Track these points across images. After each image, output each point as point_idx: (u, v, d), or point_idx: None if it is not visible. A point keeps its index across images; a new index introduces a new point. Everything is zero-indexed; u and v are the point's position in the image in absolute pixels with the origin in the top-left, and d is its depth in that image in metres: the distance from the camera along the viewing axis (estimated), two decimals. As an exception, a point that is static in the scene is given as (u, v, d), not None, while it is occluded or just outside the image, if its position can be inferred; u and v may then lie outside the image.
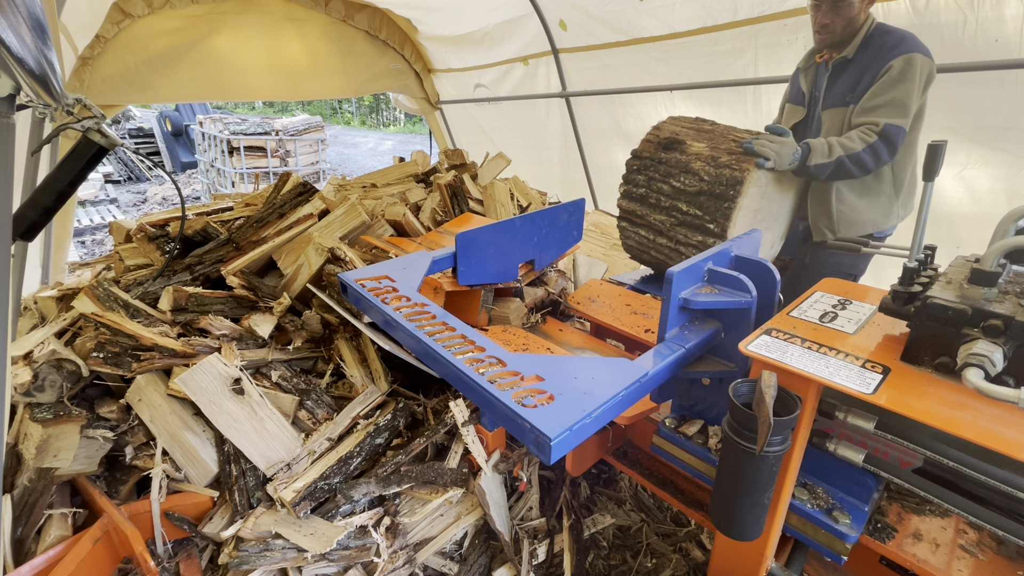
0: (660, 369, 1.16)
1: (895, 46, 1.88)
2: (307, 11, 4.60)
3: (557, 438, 0.91)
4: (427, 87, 5.59)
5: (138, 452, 1.70)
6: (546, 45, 4.16)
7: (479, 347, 1.18)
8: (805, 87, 2.22)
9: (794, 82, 2.33)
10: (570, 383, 1.06)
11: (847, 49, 2.01)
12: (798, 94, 2.30)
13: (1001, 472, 0.93)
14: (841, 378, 0.96)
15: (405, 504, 1.72)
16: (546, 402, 1.00)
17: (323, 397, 1.91)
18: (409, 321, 1.29)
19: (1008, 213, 1.05)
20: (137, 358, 1.75)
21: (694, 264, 1.30)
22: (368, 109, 27.11)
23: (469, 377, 1.07)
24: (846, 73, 2.03)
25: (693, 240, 1.88)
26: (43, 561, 1.38)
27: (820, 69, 2.17)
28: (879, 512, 1.24)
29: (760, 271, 1.38)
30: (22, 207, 1.43)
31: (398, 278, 1.55)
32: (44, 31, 1.08)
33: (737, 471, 0.99)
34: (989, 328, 0.91)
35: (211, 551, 1.62)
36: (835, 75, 2.07)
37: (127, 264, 2.58)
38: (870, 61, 1.94)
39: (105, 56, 3.86)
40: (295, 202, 2.69)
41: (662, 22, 3.30)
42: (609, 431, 1.63)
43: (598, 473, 2.11)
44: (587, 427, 0.97)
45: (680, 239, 1.93)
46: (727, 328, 1.34)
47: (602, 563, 1.78)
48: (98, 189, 9.54)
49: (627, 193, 2.10)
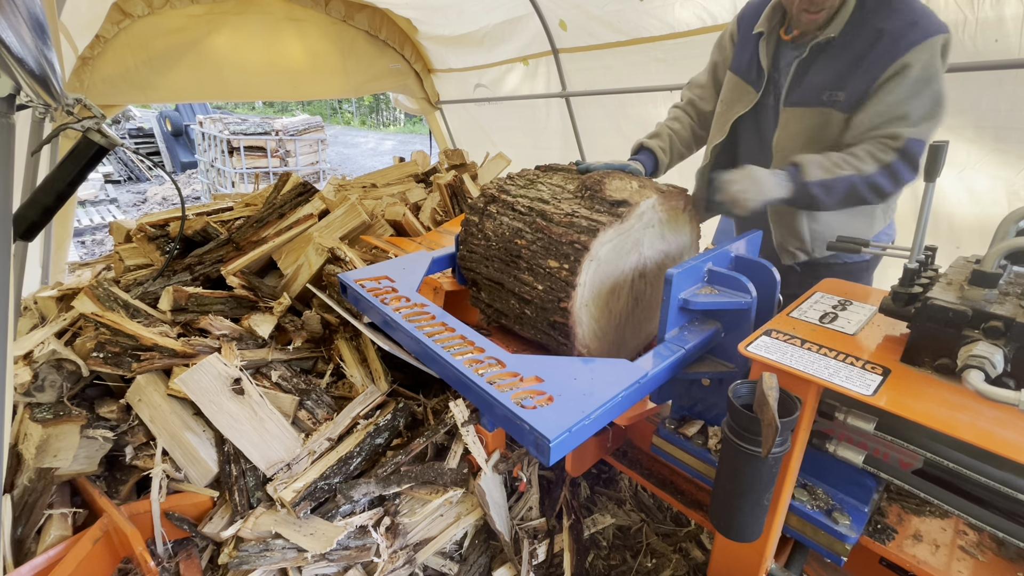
0: (660, 370, 1.16)
1: (906, 29, 1.37)
2: (307, 11, 4.60)
3: (556, 439, 0.91)
4: (427, 87, 5.59)
5: (138, 452, 1.70)
6: (546, 45, 4.16)
7: (478, 348, 1.18)
8: (765, 61, 1.61)
9: (745, 47, 1.68)
10: (569, 384, 1.06)
11: (830, 27, 1.47)
12: (752, 67, 1.66)
13: (1001, 474, 0.93)
14: (841, 379, 0.96)
15: (405, 504, 1.72)
16: (545, 403, 1.00)
17: (323, 397, 1.91)
18: (409, 322, 1.29)
19: (1009, 214, 1.04)
20: (137, 358, 1.75)
21: (694, 265, 1.30)
22: (368, 109, 27.11)
23: (468, 378, 1.07)
24: (826, 59, 1.49)
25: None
26: (43, 561, 1.38)
27: (785, 47, 1.60)
28: (879, 513, 1.24)
29: (760, 271, 1.37)
30: (22, 207, 1.42)
31: (397, 278, 1.54)
32: (44, 31, 1.08)
33: (737, 472, 0.99)
34: (990, 330, 0.90)
35: (211, 551, 1.62)
36: (809, 60, 1.52)
37: (127, 264, 2.58)
38: (865, 46, 1.43)
39: (105, 56, 3.86)
40: (295, 202, 2.69)
41: (662, 22, 3.30)
42: (609, 431, 1.63)
43: (598, 473, 2.11)
44: (586, 428, 0.97)
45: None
46: (727, 328, 1.33)
47: (602, 563, 1.78)
48: (98, 189, 9.54)
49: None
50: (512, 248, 1.48)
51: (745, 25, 1.72)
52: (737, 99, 1.72)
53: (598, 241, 1.30)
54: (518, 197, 1.56)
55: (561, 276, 1.33)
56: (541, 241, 1.40)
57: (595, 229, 1.31)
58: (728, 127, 1.76)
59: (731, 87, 1.74)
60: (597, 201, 1.41)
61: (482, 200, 1.64)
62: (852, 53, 1.45)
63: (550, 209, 1.44)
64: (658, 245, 1.53)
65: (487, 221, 1.58)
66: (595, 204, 1.40)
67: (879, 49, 1.41)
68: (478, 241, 1.60)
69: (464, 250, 1.66)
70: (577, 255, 1.30)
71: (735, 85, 1.72)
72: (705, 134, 1.94)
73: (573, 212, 1.39)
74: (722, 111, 1.80)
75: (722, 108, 1.80)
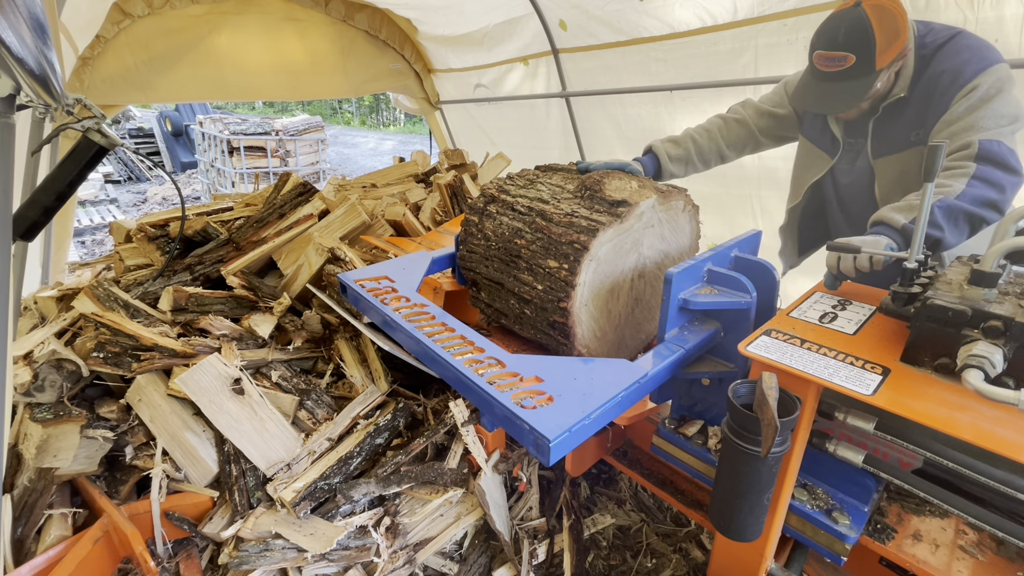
0: (660, 370, 1.16)
1: (970, 62, 1.41)
2: (307, 11, 4.60)
3: (556, 439, 0.91)
4: (427, 87, 5.59)
5: (138, 452, 1.70)
6: (546, 45, 4.16)
7: (478, 348, 1.18)
8: (838, 131, 1.70)
9: (817, 117, 1.75)
10: (569, 384, 1.06)
11: (895, 87, 1.52)
12: (824, 135, 1.73)
13: (1001, 473, 0.93)
14: (841, 379, 0.96)
15: (405, 504, 1.72)
16: (545, 403, 1.00)
17: (323, 397, 1.91)
18: (408, 322, 1.29)
19: (1008, 214, 1.05)
20: (137, 358, 1.75)
21: (694, 264, 1.30)
22: (368, 109, 27.12)
23: (468, 378, 1.07)
24: (903, 112, 1.54)
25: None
26: (43, 561, 1.38)
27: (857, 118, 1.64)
28: (879, 513, 1.24)
29: (759, 271, 1.38)
30: (22, 207, 1.43)
31: (397, 278, 1.55)
32: (44, 31, 1.08)
33: (737, 472, 0.99)
34: (989, 329, 0.91)
35: (211, 551, 1.62)
36: (886, 118, 1.58)
37: (127, 264, 2.58)
38: (935, 87, 1.46)
39: (105, 56, 3.86)
40: (295, 202, 2.69)
41: (662, 22, 3.30)
42: (609, 431, 1.63)
43: (598, 473, 2.11)
44: (586, 428, 0.97)
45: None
46: (726, 328, 1.34)
47: (602, 563, 1.78)
48: (98, 189, 9.54)
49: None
50: (512, 248, 1.48)
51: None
52: (811, 164, 1.78)
53: (597, 241, 1.30)
54: (518, 197, 1.56)
55: (561, 276, 1.33)
56: (541, 241, 1.40)
57: (595, 229, 1.31)
58: (803, 191, 1.82)
59: (805, 152, 1.80)
60: (597, 201, 1.41)
61: (482, 200, 1.64)
62: (924, 98, 1.48)
63: (550, 209, 1.44)
64: (658, 245, 1.53)
65: (487, 221, 1.58)
66: (595, 204, 1.40)
67: (949, 84, 1.42)
68: (478, 241, 1.60)
69: (464, 250, 1.66)
70: (577, 255, 1.30)
71: (809, 151, 1.78)
72: (732, 155, 1.95)
73: (573, 212, 1.39)
74: (797, 175, 1.88)
75: (797, 172, 1.87)
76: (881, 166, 1.61)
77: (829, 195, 1.85)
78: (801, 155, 1.84)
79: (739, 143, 1.92)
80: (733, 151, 1.93)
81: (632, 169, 1.63)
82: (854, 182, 1.72)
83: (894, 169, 1.59)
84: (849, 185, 1.75)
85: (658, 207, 1.46)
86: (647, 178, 1.62)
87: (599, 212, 1.36)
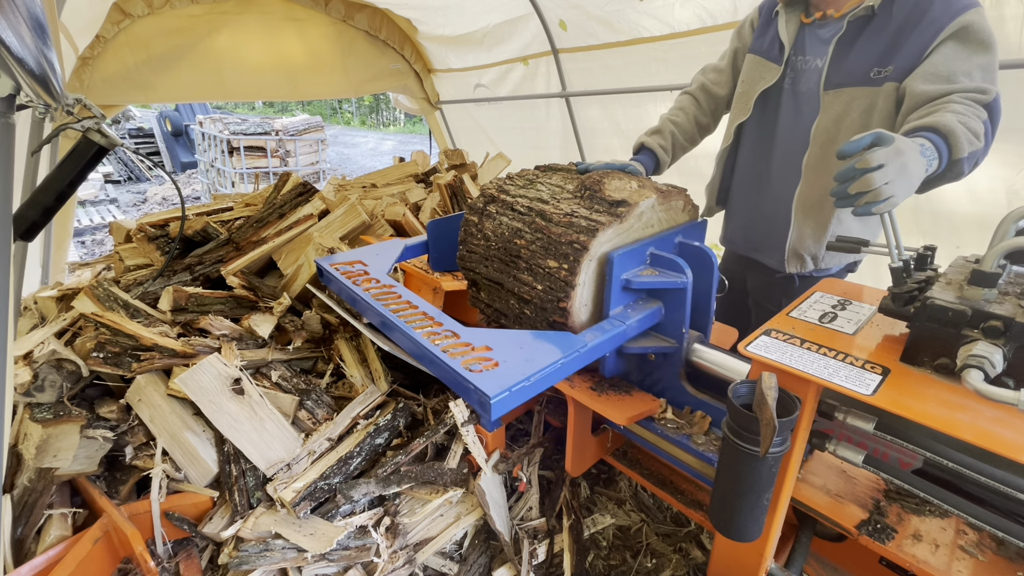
0: (600, 342, 1.24)
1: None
2: (307, 11, 4.60)
3: (496, 397, 1.00)
4: (427, 87, 5.59)
5: (138, 452, 1.70)
6: (546, 45, 4.16)
7: (437, 322, 1.30)
8: (786, 37, 1.55)
9: (766, 30, 1.64)
10: (515, 352, 1.16)
11: None
12: (773, 45, 1.61)
13: (1001, 473, 0.93)
14: (840, 379, 0.96)
15: (405, 504, 1.72)
16: (491, 368, 1.10)
17: (323, 397, 1.91)
18: (375, 300, 1.40)
19: (1008, 214, 1.04)
20: (137, 358, 1.75)
21: (636, 248, 1.37)
22: (368, 109, 27.12)
23: (425, 347, 1.17)
24: (869, 34, 1.38)
25: None
26: (43, 561, 1.38)
27: (810, 29, 1.53)
28: (879, 513, 1.24)
29: (699, 256, 1.44)
30: (22, 207, 1.43)
31: (370, 263, 1.68)
32: (44, 31, 1.08)
33: (736, 472, 0.99)
34: (989, 329, 0.91)
35: (211, 551, 1.62)
36: (850, 37, 1.41)
37: (127, 264, 2.58)
38: (912, 11, 1.31)
39: (105, 56, 3.86)
40: (295, 202, 2.69)
41: (662, 22, 3.30)
42: (609, 432, 1.63)
43: (598, 473, 2.11)
44: (526, 389, 1.07)
45: None
46: (668, 308, 1.42)
47: (602, 563, 1.78)
48: (98, 189, 9.55)
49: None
50: (511, 248, 1.48)
51: (766, 11, 1.71)
52: (759, 77, 1.66)
53: (597, 241, 1.31)
54: (517, 197, 1.56)
55: (560, 276, 1.34)
56: (540, 241, 1.41)
57: (594, 229, 1.31)
58: (752, 104, 1.70)
59: (752, 67, 1.70)
60: (596, 201, 1.41)
61: (481, 200, 1.65)
62: (897, 22, 1.33)
63: (549, 209, 1.45)
64: None
65: (486, 221, 1.58)
66: (594, 204, 1.41)
67: (932, 12, 1.28)
68: (477, 241, 1.60)
69: (463, 250, 1.66)
70: (576, 255, 1.31)
71: (756, 64, 1.68)
72: (710, 122, 1.93)
73: (572, 212, 1.40)
74: (744, 90, 1.75)
75: (743, 88, 1.75)
76: (829, 99, 1.45)
77: (770, 117, 1.70)
78: (747, 71, 1.70)
79: (711, 107, 1.90)
80: (709, 118, 1.92)
81: (632, 169, 1.63)
82: (788, 111, 1.57)
83: (843, 105, 1.42)
84: (784, 113, 1.61)
85: (658, 207, 1.46)
86: (647, 178, 1.62)
87: (599, 212, 1.37)
